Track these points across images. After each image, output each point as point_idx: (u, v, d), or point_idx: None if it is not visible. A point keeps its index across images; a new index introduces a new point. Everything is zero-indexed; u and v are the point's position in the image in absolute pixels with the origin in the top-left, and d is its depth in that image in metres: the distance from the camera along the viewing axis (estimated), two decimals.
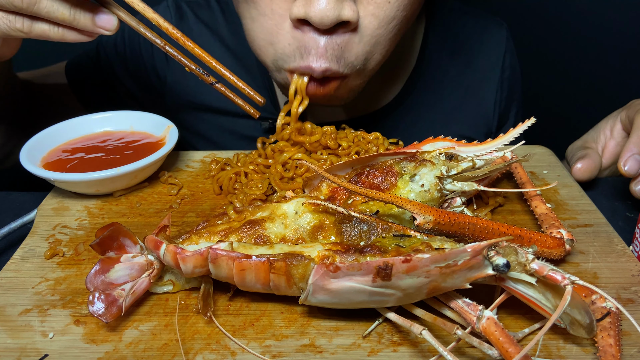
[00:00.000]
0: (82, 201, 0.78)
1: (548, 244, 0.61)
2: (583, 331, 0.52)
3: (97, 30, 0.71)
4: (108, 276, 0.59)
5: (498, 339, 0.50)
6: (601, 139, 0.90)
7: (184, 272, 0.58)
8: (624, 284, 0.62)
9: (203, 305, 0.58)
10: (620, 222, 0.77)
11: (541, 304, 0.53)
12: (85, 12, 0.69)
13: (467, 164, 0.66)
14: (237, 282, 0.57)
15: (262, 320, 0.58)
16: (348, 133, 0.83)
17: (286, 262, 0.54)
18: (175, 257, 0.57)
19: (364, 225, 0.60)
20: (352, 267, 0.51)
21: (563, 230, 0.64)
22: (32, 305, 0.60)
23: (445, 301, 0.55)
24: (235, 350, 0.55)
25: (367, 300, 0.54)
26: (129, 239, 0.61)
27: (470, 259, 0.50)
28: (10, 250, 0.70)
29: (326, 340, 0.56)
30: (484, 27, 1.11)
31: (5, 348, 0.55)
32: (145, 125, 0.89)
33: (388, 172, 0.66)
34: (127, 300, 0.58)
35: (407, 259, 0.49)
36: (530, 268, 0.51)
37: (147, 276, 0.60)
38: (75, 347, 0.55)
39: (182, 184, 0.83)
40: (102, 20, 0.71)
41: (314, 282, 0.53)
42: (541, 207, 0.69)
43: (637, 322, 0.47)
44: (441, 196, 0.66)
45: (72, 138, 0.86)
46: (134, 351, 0.55)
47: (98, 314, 0.56)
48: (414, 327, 0.52)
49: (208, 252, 0.56)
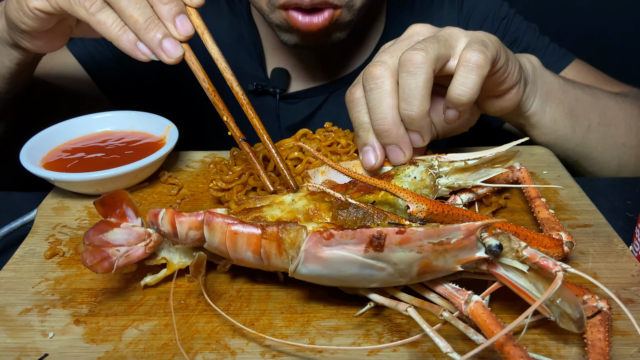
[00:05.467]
0: (82, 201, 0.78)
1: (545, 244, 0.61)
2: (573, 325, 0.52)
3: (158, 51, 0.65)
4: (106, 235, 0.59)
5: (484, 320, 0.50)
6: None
7: (179, 235, 0.58)
8: (623, 284, 0.62)
9: (193, 271, 0.59)
10: (620, 222, 0.77)
11: (532, 294, 0.53)
12: (158, 28, 0.64)
13: (459, 163, 0.68)
14: (229, 247, 0.57)
15: (262, 320, 0.58)
16: (348, 132, 0.83)
17: (278, 227, 0.55)
18: (172, 219, 0.58)
19: (359, 212, 0.60)
20: (345, 235, 0.51)
21: (563, 233, 0.63)
22: (32, 305, 0.60)
23: (433, 287, 0.56)
24: (235, 350, 0.55)
25: (357, 274, 0.54)
26: (131, 209, 0.62)
27: (464, 238, 0.50)
28: (10, 250, 0.70)
29: (326, 340, 0.56)
30: None
31: (5, 348, 0.55)
32: (145, 125, 0.89)
33: (383, 176, 0.68)
34: (120, 261, 0.58)
35: (401, 230, 0.50)
36: (522, 255, 0.51)
37: (144, 245, 0.60)
38: (75, 347, 0.55)
39: (182, 184, 0.83)
40: (169, 44, 0.65)
41: (307, 248, 0.52)
42: (544, 212, 0.69)
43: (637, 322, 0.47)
44: (434, 185, 0.66)
45: (72, 138, 0.87)
46: (134, 351, 0.55)
47: (90, 264, 0.57)
48: (400, 305, 0.53)
49: (204, 215, 0.57)
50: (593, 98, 0.93)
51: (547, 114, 0.86)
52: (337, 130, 0.84)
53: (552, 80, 0.87)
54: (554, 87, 0.86)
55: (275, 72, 1.09)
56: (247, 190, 0.75)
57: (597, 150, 0.93)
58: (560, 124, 0.88)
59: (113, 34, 0.65)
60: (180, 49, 0.67)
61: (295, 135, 0.82)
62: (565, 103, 0.88)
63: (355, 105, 0.68)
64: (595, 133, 0.92)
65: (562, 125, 0.88)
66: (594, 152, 0.93)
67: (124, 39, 0.65)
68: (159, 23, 0.65)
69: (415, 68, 0.61)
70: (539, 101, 0.84)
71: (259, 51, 1.11)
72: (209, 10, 1.11)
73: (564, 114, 0.88)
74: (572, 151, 0.92)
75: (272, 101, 1.10)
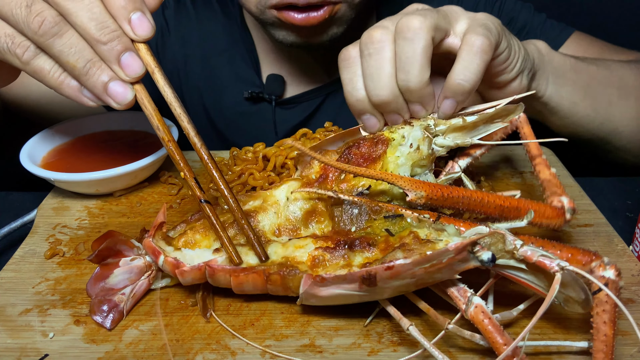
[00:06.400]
0: (82, 201, 0.78)
1: (547, 214, 0.59)
2: (578, 307, 0.51)
3: (105, 97, 0.56)
4: (108, 282, 0.60)
5: (485, 328, 0.50)
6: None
7: (182, 283, 0.59)
8: (624, 284, 0.62)
9: (202, 306, 0.59)
10: (620, 222, 0.77)
11: (534, 284, 0.52)
12: (101, 71, 0.55)
13: (457, 120, 0.64)
14: (236, 290, 0.58)
15: (262, 320, 0.58)
16: None
17: (280, 274, 0.55)
18: (173, 270, 0.58)
19: (354, 208, 0.60)
20: (337, 278, 0.52)
21: (565, 198, 0.61)
22: (32, 305, 0.60)
23: (441, 285, 0.55)
24: (235, 350, 0.55)
25: (358, 299, 0.55)
26: (124, 244, 0.62)
27: (455, 256, 0.50)
28: (10, 250, 0.70)
29: (326, 340, 0.56)
30: None
31: (5, 348, 0.55)
32: (145, 125, 0.89)
33: (378, 140, 0.64)
34: (128, 304, 0.59)
35: (389, 266, 0.50)
36: (519, 255, 0.50)
37: (146, 278, 0.61)
38: (75, 347, 0.55)
39: (182, 184, 0.82)
40: (117, 87, 0.56)
41: (305, 291, 0.54)
42: (545, 172, 0.65)
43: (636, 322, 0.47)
44: (432, 153, 0.64)
45: (72, 138, 0.86)
46: (134, 351, 0.55)
47: (100, 322, 0.57)
48: (403, 322, 0.53)
49: (205, 268, 0.57)
50: (608, 71, 0.90)
51: (565, 97, 0.82)
52: (337, 130, 0.84)
53: (563, 62, 0.82)
54: (565, 68, 0.82)
55: (270, 79, 1.07)
56: (247, 190, 0.76)
57: (623, 123, 0.90)
58: (580, 105, 0.84)
59: (53, 82, 0.57)
60: (130, 91, 0.57)
61: (295, 135, 0.82)
62: (581, 83, 0.84)
63: (350, 65, 0.62)
64: (617, 107, 0.89)
65: (582, 106, 0.84)
66: (620, 127, 0.90)
67: (65, 86, 0.57)
68: (101, 65, 0.56)
69: (413, 34, 0.57)
70: (553, 86, 0.80)
71: (254, 57, 1.10)
72: (203, 12, 1.10)
73: (582, 95, 0.84)
74: (598, 130, 0.89)
75: (268, 108, 1.08)
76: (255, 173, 0.76)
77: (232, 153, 0.82)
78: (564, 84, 0.81)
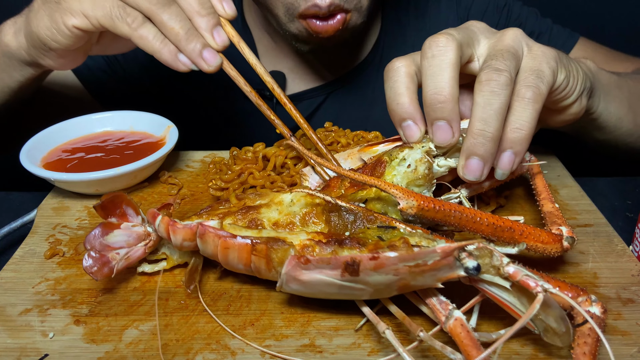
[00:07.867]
0: (82, 201, 0.78)
1: (542, 239, 0.58)
2: (557, 340, 0.50)
3: (199, 61, 0.68)
4: (106, 239, 0.61)
5: (462, 340, 0.49)
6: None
7: (173, 244, 0.60)
8: (624, 284, 0.62)
9: (188, 278, 0.60)
10: (620, 222, 0.77)
11: (516, 308, 0.51)
12: (198, 39, 0.67)
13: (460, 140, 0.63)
14: (221, 259, 0.58)
15: (262, 320, 0.58)
16: (348, 132, 0.83)
17: (267, 245, 0.55)
18: (167, 228, 0.59)
19: (350, 215, 0.60)
20: (321, 261, 0.51)
21: (564, 228, 0.60)
22: (32, 305, 0.60)
23: (422, 296, 0.55)
24: (235, 350, 0.55)
25: (337, 293, 0.54)
26: (132, 208, 0.64)
27: (441, 260, 0.49)
28: (10, 250, 0.70)
29: (326, 340, 0.56)
30: None
31: (5, 348, 0.55)
32: (145, 125, 0.89)
33: (377, 163, 0.65)
34: (120, 264, 0.60)
35: (375, 256, 0.49)
36: (505, 272, 0.49)
37: (143, 246, 0.62)
38: (75, 347, 0.55)
39: (182, 184, 0.83)
40: (208, 54, 0.68)
41: (287, 272, 0.53)
42: (548, 205, 0.66)
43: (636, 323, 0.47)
44: (429, 173, 0.64)
45: (72, 138, 0.86)
46: (134, 351, 0.55)
47: (90, 271, 0.58)
48: (380, 326, 0.53)
49: (197, 227, 0.58)
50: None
51: (612, 113, 0.83)
52: (337, 129, 0.84)
53: (609, 79, 0.84)
54: (611, 85, 0.83)
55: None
56: (245, 188, 0.76)
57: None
58: (625, 120, 0.86)
59: (155, 47, 0.67)
60: (218, 58, 0.69)
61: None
62: (623, 98, 0.86)
63: (394, 74, 0.64)
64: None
65: (626, 121, 0.86)
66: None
67: (165, 51, 0.67)
68: (198, 34, 0.68)
69: (438, 49, 0.60)
70: (603, 103, 0.81)
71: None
72: None
73: (626, 110, 0.86)
74: (635, 143, 0.90)
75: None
76: (255, 172, 0.76)
77: (232, 153, 0.82)
78: (612, 100, 0.83)
